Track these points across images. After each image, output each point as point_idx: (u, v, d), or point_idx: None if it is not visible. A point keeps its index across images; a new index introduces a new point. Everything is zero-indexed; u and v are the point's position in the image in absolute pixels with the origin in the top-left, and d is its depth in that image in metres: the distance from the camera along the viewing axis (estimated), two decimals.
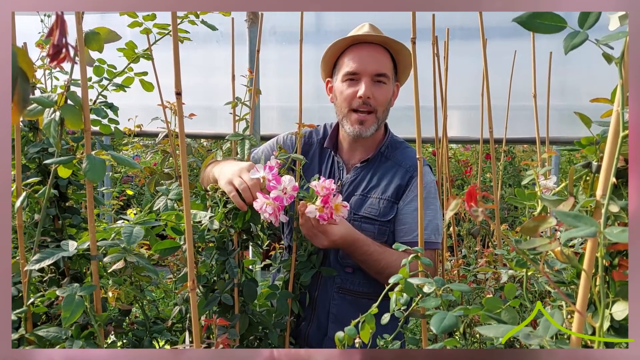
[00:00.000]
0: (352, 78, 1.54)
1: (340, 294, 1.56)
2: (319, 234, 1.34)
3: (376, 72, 1.52)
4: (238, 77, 1.54)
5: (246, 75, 1.53)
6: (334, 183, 1.59)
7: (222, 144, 1.59)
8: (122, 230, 1.11)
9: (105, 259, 1.13)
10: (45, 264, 1.06)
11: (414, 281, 0.87)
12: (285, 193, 1.22)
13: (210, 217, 1.27)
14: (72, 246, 1.10)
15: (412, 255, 0.93)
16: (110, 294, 1.20)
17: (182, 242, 1.30)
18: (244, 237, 1.39)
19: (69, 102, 1.01)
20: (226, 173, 1.31)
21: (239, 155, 1.45)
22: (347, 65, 1.55)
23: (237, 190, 1.26)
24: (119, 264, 1.14)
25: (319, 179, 1.28)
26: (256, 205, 1.21)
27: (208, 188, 1.36)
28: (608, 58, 0.59)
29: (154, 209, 1.30)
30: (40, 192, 1.23)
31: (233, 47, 1.53)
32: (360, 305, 1.55)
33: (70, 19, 0.72)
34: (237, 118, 1.52)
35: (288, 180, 1.22)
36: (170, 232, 1.28)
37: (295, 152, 1.55)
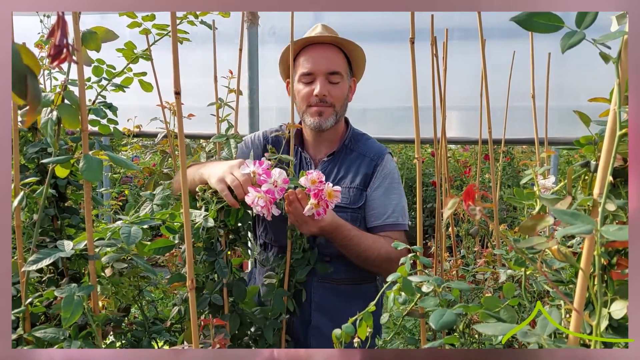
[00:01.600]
0: (308, 78, 1.61)
1: (320, 282, 1.61)
2: (308, 220, 1.36)
3: (329, 70, 1.60)
4: (242, 78, 1.56)
5: (227, 77, 1.56)
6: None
7: (203, 147, 1.62)
8: (120, 230, 1.11)
9: (103, 259, 1.13)
10: (42, 264, 1.05)
11: (414, 279, 0.87)
12: (276, 186, 1.24)
13: (204, 216, 1.27)
14: (68, 246, 1.10)
15: (411, 255, 0.93)
16: (100, 303, 1.19)
17: (176, 241, 1.30)
18: (232, 237, 1.39)
19: (66, 101, 1.01)
20: (216, 172, 1.33)
21: (224, 155, 1.47)
22: (302, 66, 1.62)
23: (229, 188, 1.28)
24: (108, 272, 1.14)
25: (306, 173, 1.29)
26: (248, 199, 1.22)
27: (197, 189, 1.37)
28: (605, 58, 0.59)
29: (140, 215, 1.29)
30: (38, 191, 1.23)
31: (215, 47, 1.55)
32: (340, 291, 1.62)
33: (67, 19, 0.72)
34: (220, 119, 1.53)
35: (278, 173, 1.24)
36: (164, 231, 1.28)
37: (260, 151, 1.57)
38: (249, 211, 1.38)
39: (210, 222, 1.26)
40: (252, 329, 1.44)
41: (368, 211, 1.64)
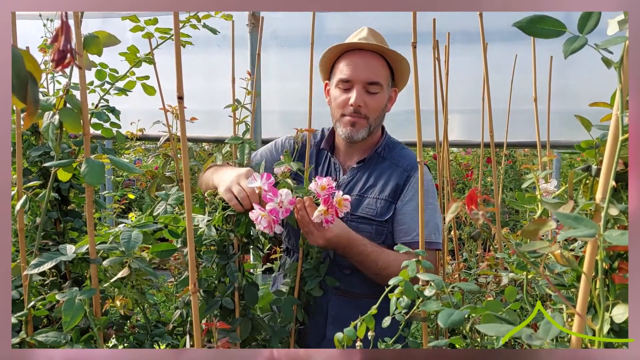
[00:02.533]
0: (345, 85, 1.54)
1: (338, 295, 1.56)
2: (314, 231, 1.32)
3: (368, 80, 1.52)
4: (238, 80, 1.54)
5: (246, 79, 1.53)
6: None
7: (222, 148, 1.60)
8: (120, 235, 1.11)
9: (105, 263, 1.13)
10: (43, 268, 1.05)
11: (422, 277, 0.86)
12: (281, 207, 1.21)
13: (207, 222, 1.27)
14: (70, 250, 1.10)
15: (414, 260, 0.93)
16: (118, 302, 1.19)
17: (179, 245, 1.30)
18: (245, 241, 1.39)
19: (68, 105, 1.02)
20: (225, 180, 1.31)
21: (238, 159, 1.45)
22: (341, 71, 1.55)
23: (237, 198, 1.27)
24: (124, 272, 1.14)
25: (316, 179, 1.28)
26: (252, 215, 1.21)
27: (206, 194, 1.36)
28: (607, 62, 0.59)
29: (154, 214, 1.30)
30: (41, 195, 1.23)
31: (233, 49, 1.53)
32: (358, 306, 1.53)
33: (70, 23, 0.73)
34: (237, 121, 1.52)
35: (285, 194, 1.21)
36: (167, 234, 1.28)
37: (295, 156, 1.55)
38: None
39: (213, 231, 1.25)
40: (262, 334, 1.43)
41: (397, 226, 1.55)
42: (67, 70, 1.14)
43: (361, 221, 1.53)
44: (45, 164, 1.16)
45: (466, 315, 0.76)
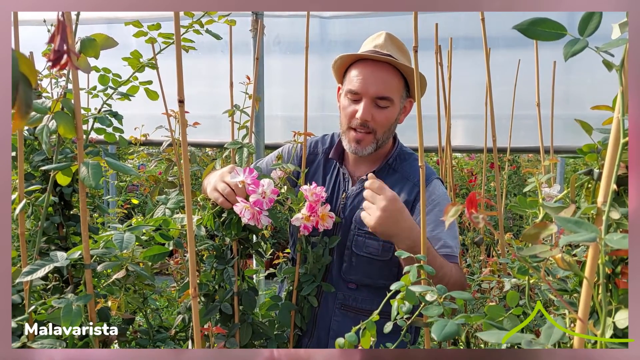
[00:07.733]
0: (355, 97, 1.48)
1: (342, 310, 1.52)
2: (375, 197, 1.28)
3: (377, 95, 1.46)
4: (239, 85, 1.54)
5: (244, 83, 1.53)
6: (340, 194, 1.57)
7: (222, 153, 1.60)
8: (113, 238, 1.11)
9: (99, 267, 1.13)
10: (36, 275, 1.04)
11: (416, 289, 0.86)
12: (264, 197, 1.21)
13: (197, 221, 1.27)
14: (61, 257, 1.10)
15: (415, 265, 0.93)
16: (110, 303, 1.19)
17: (170, 248, 1.30)
18: (245, 246, 1.39)
19: (65, 110, 1.02)
20: (211, 181, 1.32)
21: (237, 164, 1.45)
22: (351, 82, 1.49)
23: (224, 196, 1.27)
24: (120, 273, 1.14)
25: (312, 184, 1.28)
26: (236, 209, 1.22)
27: (199, 199, 1.37)
28: (608, 65, 0.59)
29: (154, 218, 1.31)
30: (41, 199, 1.23)
31: (231, 54, 1.54)
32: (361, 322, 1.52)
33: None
34: (237, 126, 1.52)
35: (267, 184, 1.21)
36: (158, 238, 1.27)
37: (295, 162, 1.55)
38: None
39: (202, 231, 1.26)
40: (261, 340, 1.42)
41: None
42: (68, 74, 1.14)
43: (368, 236, 1.49)
44: (43, 167, 1.16)
45: (462, 324, 0.75)
